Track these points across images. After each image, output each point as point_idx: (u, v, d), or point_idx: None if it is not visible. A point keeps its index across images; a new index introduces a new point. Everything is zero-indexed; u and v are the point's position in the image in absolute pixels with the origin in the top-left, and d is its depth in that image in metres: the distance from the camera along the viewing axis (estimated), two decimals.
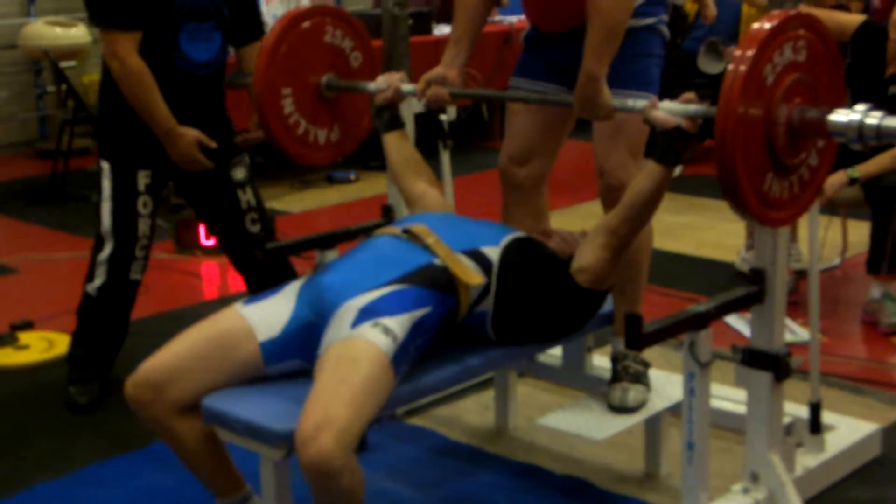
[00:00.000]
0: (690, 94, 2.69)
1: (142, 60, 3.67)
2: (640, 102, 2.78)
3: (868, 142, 2.47)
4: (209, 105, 3.89)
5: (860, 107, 2.47)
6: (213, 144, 3.78)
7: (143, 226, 3.81)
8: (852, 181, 4.34)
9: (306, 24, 3.31)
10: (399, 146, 3.29)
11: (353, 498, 2.44)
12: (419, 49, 6.70)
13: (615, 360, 3.27)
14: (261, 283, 3.59)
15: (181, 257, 5.55)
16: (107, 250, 3.78)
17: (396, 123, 3.30)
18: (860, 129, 2.46)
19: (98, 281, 3.80)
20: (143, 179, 3.81)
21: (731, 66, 2.44)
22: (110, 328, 3.92)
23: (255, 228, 3.94)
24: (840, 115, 2.50)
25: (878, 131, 2.45)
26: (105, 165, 3.83)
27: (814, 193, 2.73)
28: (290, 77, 3.29)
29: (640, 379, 3.22)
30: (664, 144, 2.72)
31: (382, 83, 3.27)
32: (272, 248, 3.42)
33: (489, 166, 7.59)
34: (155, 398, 2.68)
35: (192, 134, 3.75)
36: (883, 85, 4.43)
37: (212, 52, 3.82)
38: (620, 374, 3.22)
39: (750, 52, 2.44)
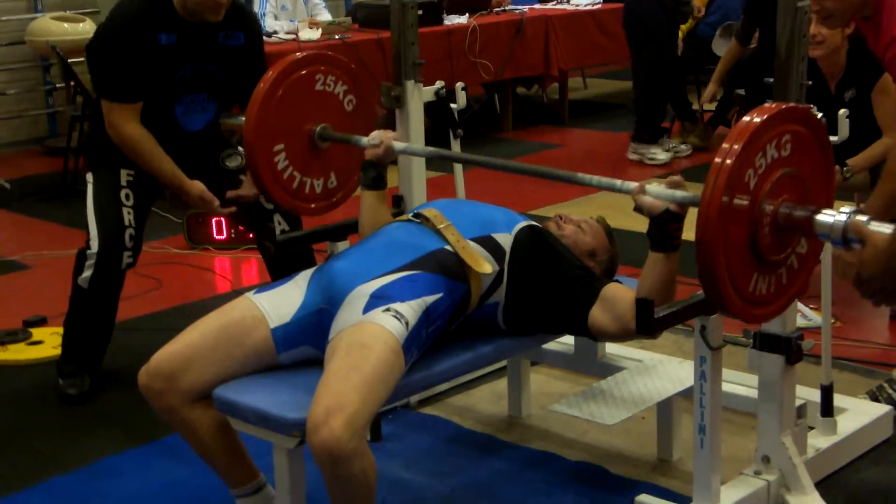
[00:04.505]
0: (676, 178, 2.58)
1: (139, 126, 3.75)
2: (627, 184, 2.67)
3: (852, 245, 2.36)
4: (209, 157, 3.94)
5: (846, 208, 2.39)
6: (216, 202, 3.83)
7: (128, 215, 3.82)
8: (846, 179, 4.33)
9: (297, 75, 3.28)
10: (375, 209, 3.14)
11: (365, 483, 2.45)
12: (429, 39, 6.71)
13: None
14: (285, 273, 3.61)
15: (193, 252, 5.56)
16: (95, 246, 3.78)
17: (380, 184, 3.15)
18: (845, 231, 2.36)
19: (88, 273, 3.80)
20: (125, 176, 3.85)
21: (717, 160, 2.33)
22: (101, 317, 3.94)
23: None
24: (826, 217, 2.40)
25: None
26: (90, 177, 3.91)
27: (800, 287, 2.62)
28: (282, 126, 3.26)
29: None
30: (657, 231, 2.59)
31: (375, 139, 3.16)
32: (283, 240, 3.42)
33: (501, 158, 7.60)
34: (168, 387, 2.70)
35: (196, 191, 3.81)
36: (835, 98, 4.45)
37: (208, 120, 3.91)
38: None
39: (737, 147, 2.32)
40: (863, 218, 2.35)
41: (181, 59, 3.75)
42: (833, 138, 2.96)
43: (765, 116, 2.39)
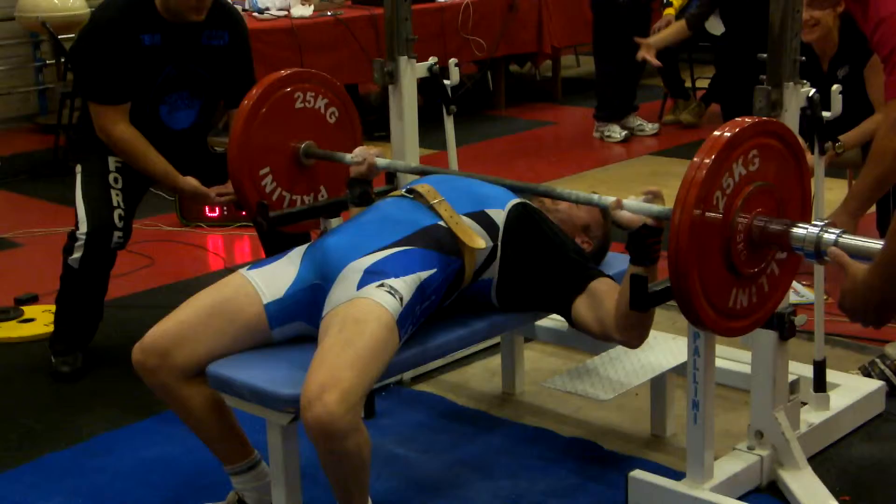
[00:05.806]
0: (654, 189, 2.58)
1: (129, 127, 3.75)
2: (605, 199, 2.68)
3: (824, 257, 2.37)
4: (197, 154, 3.97)
5: (818, 221, 2.40)
6: (211, 194, 3.84)
7: (117, 197, 3.82)
8: (838, 155, 4.32)
9: (279, 94, 3.30)
10: None
11: (359, 459, 2.45)
12: (422, 16, 6.66)
13: None
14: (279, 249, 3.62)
15: (186, 230, 5.56)
16: (84, 227, 3.77)
17: (367, 199, 3.15)
18: (817, 243, 2.36)
19: (78, 254, 3.79)
20: (113, 163, 3.85)
21: (688, 173, 2.33)
22: (92, 297, 3.94)
23: None
24: (800, 230, 2.40)
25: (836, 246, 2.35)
26: (78, 167, 3.91)
27: (777, 301, 2.63)
28: (266, 148, 3.29)
29: None
30: (636, 245, 2.55)
31: (358, 156, 3.17)
32: (275, 216, 3.42)
33: (494, 135, 7.63)
34: (161, 364, 2.69)
35: (189, 187, 3.83)
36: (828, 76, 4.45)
37: (192, 118, 3.91)
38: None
39: (707, 160, 2.33)
40: (835, 230, 2.35)
41: (165, 60, 3.75)
42: (826, 114, 2.97)
43: (735, 130, 2.38)
